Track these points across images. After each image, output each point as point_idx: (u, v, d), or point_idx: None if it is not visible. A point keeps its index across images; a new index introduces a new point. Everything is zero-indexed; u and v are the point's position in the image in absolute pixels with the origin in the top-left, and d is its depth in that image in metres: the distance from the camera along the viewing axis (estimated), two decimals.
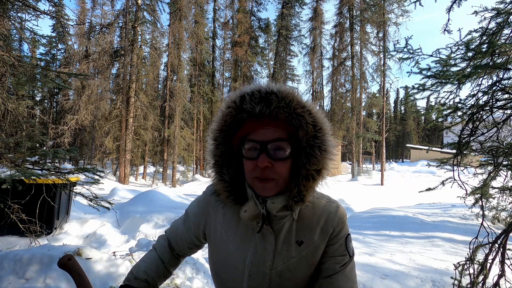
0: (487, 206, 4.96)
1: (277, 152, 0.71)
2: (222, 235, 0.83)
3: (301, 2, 26.24)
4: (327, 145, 0.73)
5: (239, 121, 0.74)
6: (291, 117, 0.70)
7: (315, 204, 0.81)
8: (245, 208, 0.76)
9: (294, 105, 0.70)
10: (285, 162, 0.71)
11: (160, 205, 7.12)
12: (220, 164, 0.79)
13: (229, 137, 0.77)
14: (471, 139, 2.43)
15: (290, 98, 0.70)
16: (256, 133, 0.72)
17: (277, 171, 0.71)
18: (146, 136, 16.44)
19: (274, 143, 0.70)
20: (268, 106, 0.70)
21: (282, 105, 0.69)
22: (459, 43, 2.58)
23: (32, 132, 3.96)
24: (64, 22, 4.63)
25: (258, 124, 0.72)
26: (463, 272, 2.26)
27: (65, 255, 0.79)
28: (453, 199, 6.10)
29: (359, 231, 5.25)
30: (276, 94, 0.70)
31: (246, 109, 0.71)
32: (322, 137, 0.73)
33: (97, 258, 2.88)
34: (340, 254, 0.80)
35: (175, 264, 0.99)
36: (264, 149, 0.70)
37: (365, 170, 23.08)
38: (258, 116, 0.71)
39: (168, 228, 1.02)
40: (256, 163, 0.70)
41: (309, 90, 28.16)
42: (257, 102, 0.70)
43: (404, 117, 51.70)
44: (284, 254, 0.77)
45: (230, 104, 0.74)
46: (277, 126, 0.71)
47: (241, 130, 0.75)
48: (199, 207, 0.91)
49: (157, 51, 18.24)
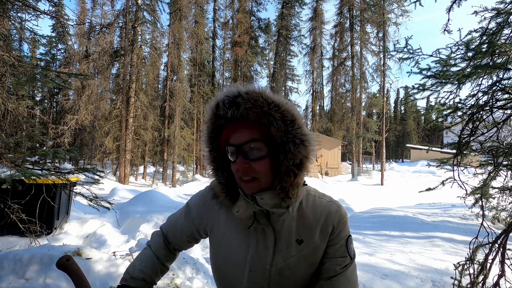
0: (487, 206, 4.96)
1: (252, 152, 0.72)
2: (224, 232, 0.84)
3: (301, 2, 26.24)
4: (302, 138, 0.72)
5: (220, 127, 0.77)
6: (260, 116, 0.71)
7: (316, 204, 0.81)
8: (237, 208, 0.78)
9: (260, 104, 0.70)
10: (262, 161, 0.72)
11: (160, 205, 7.12)
12: (216, 167, 0.82)
13: (218, 143, 0.80)
14: (471, 139, 2.43)
15: (256, 97, 0.71)
16: (232, 137, 0.74)
17: (256, 170, 0.72)
18: (146, 136, 16.44)
19: (247, 144, 0.72)
20: (238, 109, 0.72)
21: (249, 105, 0.70)
22: (459, 43, 2.57)
23: (32, 132, 3.96)
24: (64, 22, 4.63)
25: (234, 128, 0.74)
26: (463, 272, 2.26)
27: (64, 256, 0.79)
28: (453, 199, 6.10)
29: (359, 231, 5.24)
30: (243, 96, 0.71)
31: (221, 114, 0.74)
32: (294, 131, 0.72)
33: (97, 258, 2.88)
34: (340, 255, 0.80)
35: (172, 259, 1.00)
36: (240, 151, 0.72)
37: (365, 170, 23.08)
38: (233, 120, 0.74)
39: (164, 223, 1.02)
40: (236, 165, 0.72)
41: (309, 90, 28.19)
42: (228, 106, 0.73)
43: (404, 117, 51.67)
44: (284, 252, 0.78)
45: (209, 112, 0.78)
46: (250, 127, 0.72)
47: (223, 135, 0.77)
48: (203, 201, 0.91)
49: (157, 51, 18.24)
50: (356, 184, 16.21)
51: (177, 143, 16.53)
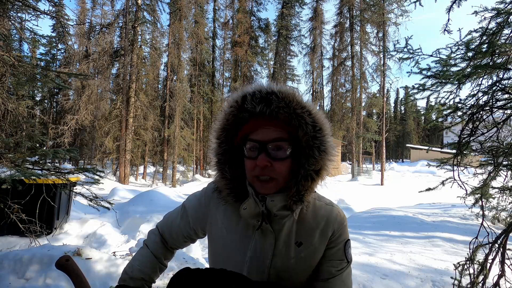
0: (487, 206, 4.96)
1: (277, 151, 0.71)
2: (222, 231, 0.83)
3: (301, 2, 26.21)
4: (327, 146, 0.73)
5: (241, 120, 0.75)
6: (291, 117, 0.71)
7: (316, 207, 0.81)
8: (245, 205, 0.76)
9: (294, 106, 0.71)
10: (284, 162, 0.72)
11: (160, 205, 7.12)
12: (222, 162, 0.80)
13: (231, 136, 0.78)
14: (471, 139, 2.43)
15: (290, 98, 0.71)
16: (256, 133, 0.72)
17: (276, 170, 0.71)
18: (146, 136, 16.43)
19: (273, 143, 0.71)
20: (269, 106, 0.71)
21: (282, 105, 0.70)
22: (459, 43, 2.57)
23: (32, 132, 3.96)
24: (64, 22, 4.63)
25: (259, 124, 0.72)
26: (463, 272, 2.26)
27: (63, 256, 0.79)
28: (453, 199, 6.09)
29: (359, 231, 5.24)
30: (277, 94, 0.71)
31: (248, 108, 0.73)
32: (322, 138, 0.73)
33: (97, 258, 2.88)
34: (338, 258, 0.80)
35: (170, 257, 1.00)
36: (264, 149, 0.71)
37: (365, 170, 23.07)
38: (259, 116, 0.72)
39: (161, 222, 1.01)
40: (256, 162, 0.71)
41: (309, 90, 28.16)
42: (258, 101, 0.71)
43: (404, 117, 51.66)
44: (283, 254, 0.78)
45: (232, 104, 0.76)
46: (277, 126, 0.72)
47: (243, 129, 0.75)
48: (199, 202, 0.90)
49: (157, 51, 18.23)
50: (356, 184, 16.22)
51: (177, 143, 16.52)
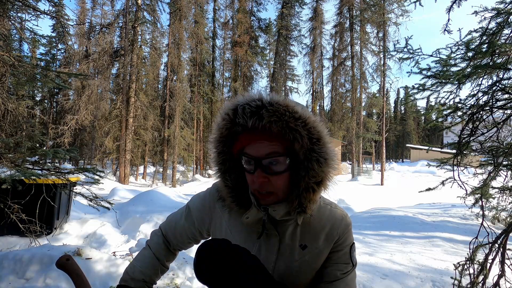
0: (487, 206, 4.96)
1: (272, 166, 0.69)
2: (227, 233, 0.83)
3: (301, 2, 26.21)
4: (327, 156, 0.71)
5: (235, 133, 0.73)
6: (285, 132, 0.67)
7: (320, 209, 0.81)
8: (247, 215, 0.76)
9: (287, 119, 0.67)
10: (281, 176, 0.70)
11: (160, 205, 7.12)
12: (223, 171, 0.79)
13: (228, 146, 0.76)
14: (471, 139, 2.43)
15: (282, 111, 0.67)
16: (250, 147, 0.70)
17: (274, 185, 0.70)
18: (146, 136, 16.43)
19: (267, 159, 0.68)
20: (261, 120, 0.67)
21: (274, 119, 0.66)
22: (459, 43, 2.57)
23: (32, 132, 3.96)
24: (64, 22, 4.63)
25: (252, 138, 0.70)
26: (463, 272, 2.26)
27: (63, 256, 0.79)
28: (453, 199, 6.09)
29: (359, 231, 5.24)
30: (267, 108, 0.67)
31: (239, 122, 0.70)
32: (320, 149, 0.70)
33: (97, 258, 2.88)
34: (343, 262, 0.80)
35: (172, 259, 0.99)
36: (259, 165, 0.68)
37: (365, 170, 23.06)
38: (252, 130, 0.69)
39: (164, 223, 0.99)
40: (253, 177, 0.70)
41: (309, 90, 28.15)
42: (249, 116, 0.68)
43: (404, 117, 51.65)
44: (287, 257, 0.77)
45: (224, 117, 0.73)
46: (272, 139, 0.68)
47: (239, 140, 0.73)
48: (204, 203, 0.89)
49: (157, 51, 18.23)
50: (356, 184, 16.21)
51: (177, 143, 16.52)
